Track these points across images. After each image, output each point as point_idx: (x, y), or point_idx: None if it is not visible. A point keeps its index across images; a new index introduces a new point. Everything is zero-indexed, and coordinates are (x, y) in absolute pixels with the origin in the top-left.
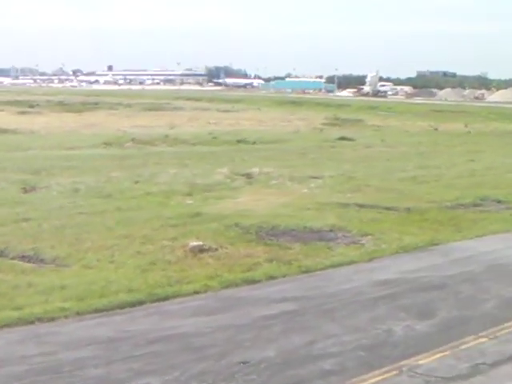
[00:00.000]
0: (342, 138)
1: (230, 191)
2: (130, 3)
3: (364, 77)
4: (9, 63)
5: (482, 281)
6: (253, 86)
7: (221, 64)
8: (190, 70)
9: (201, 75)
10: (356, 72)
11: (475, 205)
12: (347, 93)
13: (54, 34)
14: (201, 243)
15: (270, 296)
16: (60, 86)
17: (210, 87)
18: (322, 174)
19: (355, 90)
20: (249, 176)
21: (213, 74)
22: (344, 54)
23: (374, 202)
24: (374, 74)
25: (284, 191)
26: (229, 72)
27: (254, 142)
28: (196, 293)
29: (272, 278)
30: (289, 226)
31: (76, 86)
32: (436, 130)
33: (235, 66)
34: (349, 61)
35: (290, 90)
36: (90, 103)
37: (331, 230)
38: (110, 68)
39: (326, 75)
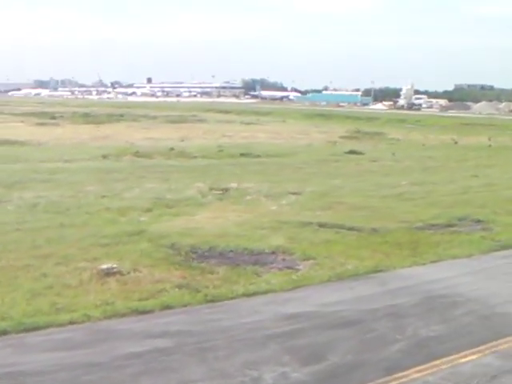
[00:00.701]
0: (352, 152)
1: (194, 207)
2: (170, 17)
3: (400, 90)
4: (49, 75)
5: (406, 316)
6: (289, 99)
7: (257, 77)
8: (228, 82)
9: (237, 88)
10: (393, 85)
11: (449, 225)
12: (382, 106)
13: (94, 47)
14: (112, 265)
15: (151, 330)
16: (96, 97)
17: (245, 100)
18: (303, 190)
19: (390, 103)
20: (225, 191)
21: (249, 87)
22: (382, 67)
23: (340, 221)
24: (409, 87)
25: (251, 208)
26: (265, 85)
27: (258, 156)
28: (71, 323)
29: (168, 307)
30: (228, 248)
31: (112, 98)
32: (456, 143)
33: (272, 79)
34: (387, 74)
35: (324, 103)
36: (115, 115)
37: (273, 253)
38: (148, 80)
39: (363, 88)
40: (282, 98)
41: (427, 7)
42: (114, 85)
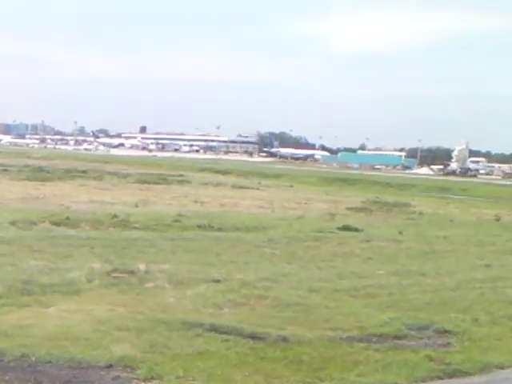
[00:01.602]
0: (346, 228)
1: (62, 296)
2: (171, 53)
3: (453, 151)
4: (19, 119)
5: None
6: (314, 159)
7: (276, 129)
8: (239, 135)
9: (251, 143)
10: (447, 145)
11: (397, 337)
12: (428, 170)
13: (76, 87)
14: None
15: None
16: (71, 148)
17: (259, 158)
18: (231, 277)
19: (440, 166)
20: (129, 274)
21: (266, 142)
22: (433, 122)
23: (244, 324)
24: (463, 146)
25: (140, 299)
26: (286, 140)
27: (219, 229)
28: None
29: None
30: (49, 356)
31: (91, 150)
32: (498, 220)
33: (295, 133)
34: (439, 130)
35: (357, 166)
36: (77, 171)
37: (109, 367)
38: (142, 130)
39: (408, 147)
40: (305, 158)
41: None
42: (95, 134)
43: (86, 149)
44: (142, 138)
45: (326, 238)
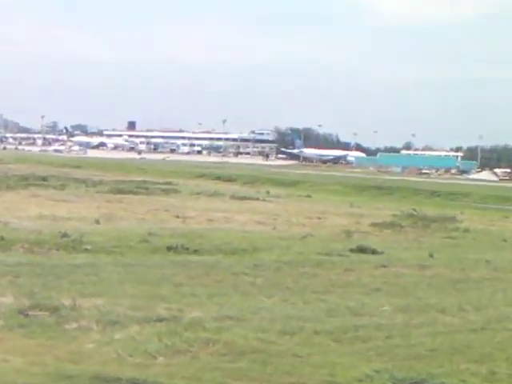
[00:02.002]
0: (360, 250)
1: None
2: (167, 32)
3: None
4: None
5: None
6: (347, 161)
7: (300, 125)
8: (253, 132)
9: (267, 142)
10: None
11: None
12: (490, 175)
13: (48, 72)
14: None
15: None
16: (38, 149)
17: (276, 161)
18: (183, 315)
19: (507, 170)
20: (53, 311)
21: (286, 141)
22: (497, 115)
23: (176, 379)
24: None
25: (50, 345)
26: (311, 138)
27: (196, 251)
28: None
29: None
30: None
31: (62, 151)
32: None
33: (323, 129)
34: (503, 126)
35: (399, 169)
36: (35, 177)
37: None
38: (131, 126)
39: (466, 146)
40: (336, 160)
41: None
42: (70, 131)
43: (56, 150)
44: (130, 137)
45: (331, 262)
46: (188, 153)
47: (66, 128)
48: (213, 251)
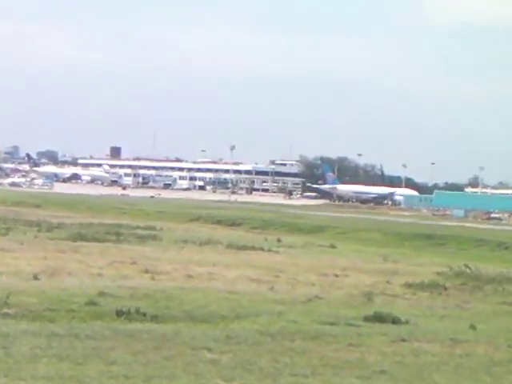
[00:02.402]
0: (378, 318)
1: None
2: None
3: None
4: None
5: None
6: (393, 201)
7: (332, 153)
8: (273, 162)
9: (290, 175)
10: None
11: None
12: None
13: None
14: None
15: None
16: None
17: (302, 199)
18: None
19: None
20: None
21: (315, 174)
22: None
23: None
24: None
25: None
26: (347, 170)
27: (155, 317)
28: None
29: None
30: None
31: (21, 185)
32: None
33: (364, 159)
34: None
35: (461, 213)
36: None
37: None
38: (114, 153)
39: None
40: (379, 199)
41: None
42: (33, 159)
43: (13, 183)
44: (112, 167)
45: (333, 334)
46: (187, 188)
47: (28, 155)
48: (179, 318)
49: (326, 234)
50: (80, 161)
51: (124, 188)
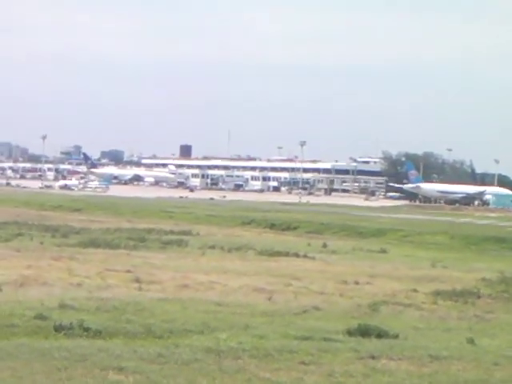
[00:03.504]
0: (363, 331)
1: None
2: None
3: None
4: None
5: None
6: (483, 201)
7: (417, 148)
8: (353, 160)
9: (372, 174)
10: None
11: None
12: None
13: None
14: None
15: None
16: (39, 185)
17: (383, 200)
18: None
19: None
20: None
21: (399, 172)
22: None
23: None
24: None
25: None
26: (433, 167)
27: (99, 333)
28: None
29: None
30: None
31: (72, 188)
32: None
33: (453, 155)
34: None
35: None
36: None
37: None
38: (184, 151)
39: None
40: (468, 199)
41: None
42: (90, 160)
43: (64, 186)
44: (179, 167)
45: (294, 351)
46: (260, 190)
47: (85, 155)
48: (130, 333)
49: (386, 237)
50: (144, 161)
51: (191, 190)
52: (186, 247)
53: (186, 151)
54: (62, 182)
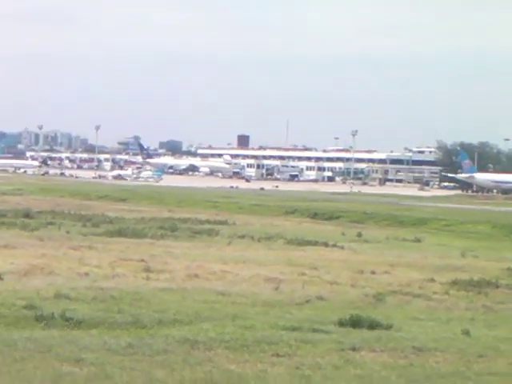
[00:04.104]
0: (354, 323)
1: None
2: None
3: None
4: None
5: None
6: None
7: (474, 138)
8: (409, 150)
9: (427, 164)
10: None
11: None
12: None
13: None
14: None
15: None
16: (92, 175)
17: (437, 190)
18: None
19: None
20: None
21: (454, 162)
22: None
23: None
24: None
25: None
26: (491, 157)
27: (80, 323)
28: None
29: None
30: None
31: (125, 178)
32: None
33: (510, 144)
34: None
35: None
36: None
37: None
38: (242, 141)
39: None
40: None
41: None
42: (144, 150)
43: (118, 176)
44: (235, 157)
45: (273, 342)
46: (315, 180)
47: (140, 145)
48: (118, 323)
49: (426, 226)
50: (200, 151)
51: (247, 180)
52: (215, 236)
53: (243, 141)
54: (115, 172)
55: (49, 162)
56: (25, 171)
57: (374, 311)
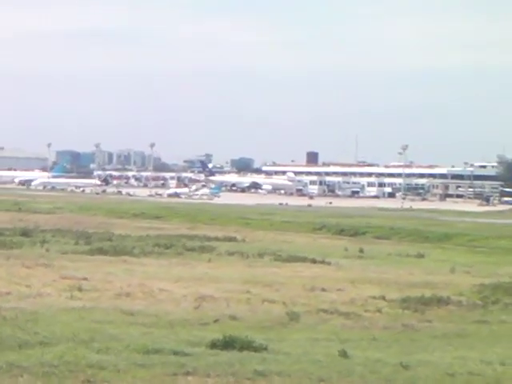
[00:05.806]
0: (226, 344)
1: None
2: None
3: None
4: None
5: None
6: None
7: None
8: (470, 164)
9: (489, 179)
10: None
11: None
12: None
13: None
14: None
15: None
16: (147, 193)
17: (498, 206)
18: None
19: None
20: None
21: None
22: None
23: None
24: None
25: None
26: None
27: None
28: None
29: None
30: None
31: (180, 196)
32: None
33: None
34: None
35: None
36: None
37: None
38: (312, 158)
39: None
40: None
41: None
42: (207, 168)
43: (174, 194)
44: (297, 174)
45: (106, 366)
46: (375, 196)
47: (202, 163)
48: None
49: (451, 242)
50: (264, 168)
51: (311, 197)
52: (206, 253)
53: (312, 158)
54: (171, 190)
55: (111, 181)
56: (83, 190)
57: (270, 332)
